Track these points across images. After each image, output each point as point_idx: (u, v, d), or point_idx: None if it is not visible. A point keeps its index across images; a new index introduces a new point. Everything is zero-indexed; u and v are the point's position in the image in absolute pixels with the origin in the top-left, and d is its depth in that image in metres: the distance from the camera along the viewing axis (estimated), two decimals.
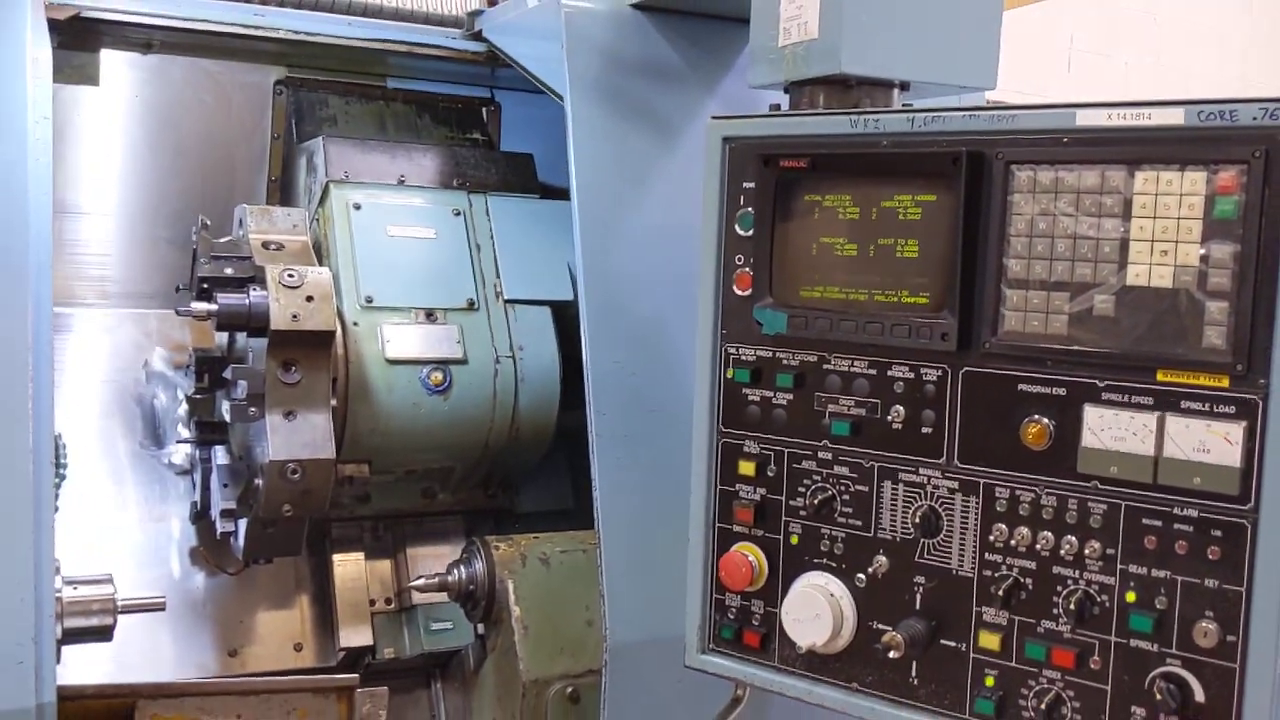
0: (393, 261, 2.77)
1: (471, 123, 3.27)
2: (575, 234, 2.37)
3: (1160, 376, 1.58)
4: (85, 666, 2.56)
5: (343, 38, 2.94)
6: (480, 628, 2.73)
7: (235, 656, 2.82)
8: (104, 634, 2.30)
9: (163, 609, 2.43)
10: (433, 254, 2.82)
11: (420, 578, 2.69)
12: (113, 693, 2.14)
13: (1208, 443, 1.54)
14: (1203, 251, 1.54)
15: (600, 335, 2.35)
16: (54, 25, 2.56)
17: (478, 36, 3.01)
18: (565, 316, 2.87)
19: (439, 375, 2.69)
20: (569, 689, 2.56)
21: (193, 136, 3.10)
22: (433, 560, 2.89)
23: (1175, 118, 1.55)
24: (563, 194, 2.42)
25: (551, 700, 2.56)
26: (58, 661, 2.07)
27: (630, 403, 2.34)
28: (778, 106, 2.07)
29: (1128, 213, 1.59)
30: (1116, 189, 1.60)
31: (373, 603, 2.93)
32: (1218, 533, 1.55)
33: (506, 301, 2.84)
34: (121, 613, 2.31)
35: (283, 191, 3.13)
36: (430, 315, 2.75)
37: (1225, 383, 1.53)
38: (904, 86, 2.04)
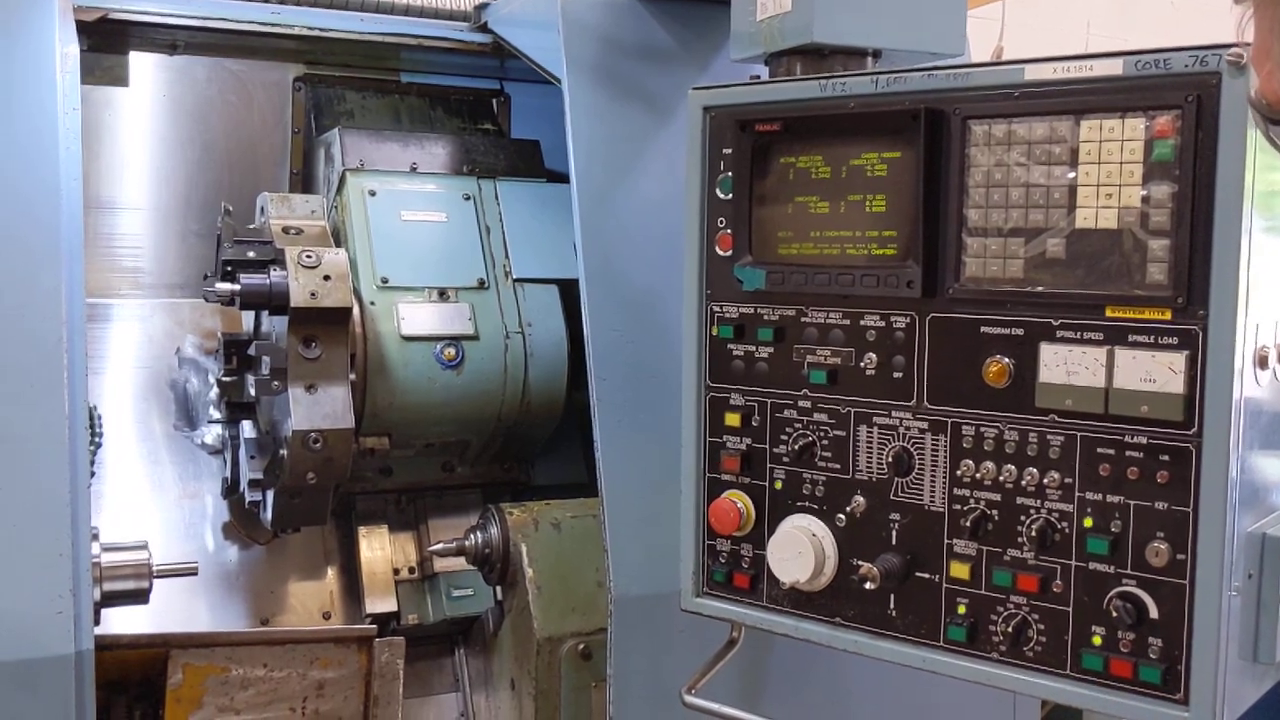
0: (407, 244, 2.89)
1: (483, 113, 3.39)
2: (574, 210, 2.46)
3: (1109, 312, 1.66)
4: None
5: (355, 32, 3.07)
6: (498, 591, 2.85)
7: (267, 624, 2.95)
8: (140, 597, 2.43)
9: (195, 574, 2.56)
10: (444, 236, 2.94)
11: (439, 542, 2.82)
12: (147, 642, 2.27)
13: (1153, 373, 1.63)
14: (1144, 193, 1.62)
15: (599, 305, 2.44)
16: (84, 28, 2.71)
17: (484, 28, 3.12)
18: (573, 295, 2.97)
19: (452, 351, 2.82)
20: (581, 646, 2.67)
21: (218, 133, 3.23)
22: (453, 531, 2.98)
23: (1114, 68, 1.64)
24: (569, 178, 2.53)
25: (564, 657, 2.66)
26: (96, 624, 2.19)
27: (629, 369, 2.42)
28: (757, 77, 2.18)
29: (1074, 160, 1.68)
30: (1063, 138, 1.69)
31: (397, 572, 3.03)
32: (1165, 457, 1.63)
33: (515, 280, 2.95)
34: (157, 577, 2.44)
35: (304, 183, 3.25)
36: (443, 294, 2.87)
37: (1168, 315, 1.62)
38: (876, 55, 2.14)
